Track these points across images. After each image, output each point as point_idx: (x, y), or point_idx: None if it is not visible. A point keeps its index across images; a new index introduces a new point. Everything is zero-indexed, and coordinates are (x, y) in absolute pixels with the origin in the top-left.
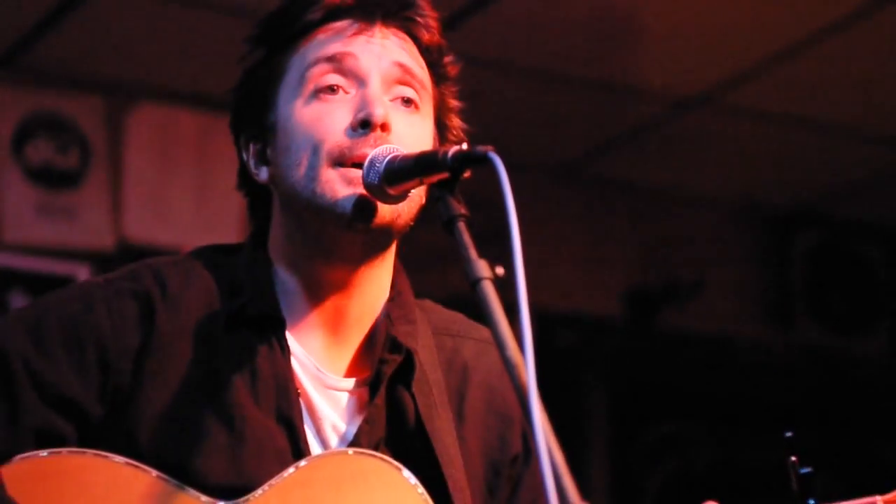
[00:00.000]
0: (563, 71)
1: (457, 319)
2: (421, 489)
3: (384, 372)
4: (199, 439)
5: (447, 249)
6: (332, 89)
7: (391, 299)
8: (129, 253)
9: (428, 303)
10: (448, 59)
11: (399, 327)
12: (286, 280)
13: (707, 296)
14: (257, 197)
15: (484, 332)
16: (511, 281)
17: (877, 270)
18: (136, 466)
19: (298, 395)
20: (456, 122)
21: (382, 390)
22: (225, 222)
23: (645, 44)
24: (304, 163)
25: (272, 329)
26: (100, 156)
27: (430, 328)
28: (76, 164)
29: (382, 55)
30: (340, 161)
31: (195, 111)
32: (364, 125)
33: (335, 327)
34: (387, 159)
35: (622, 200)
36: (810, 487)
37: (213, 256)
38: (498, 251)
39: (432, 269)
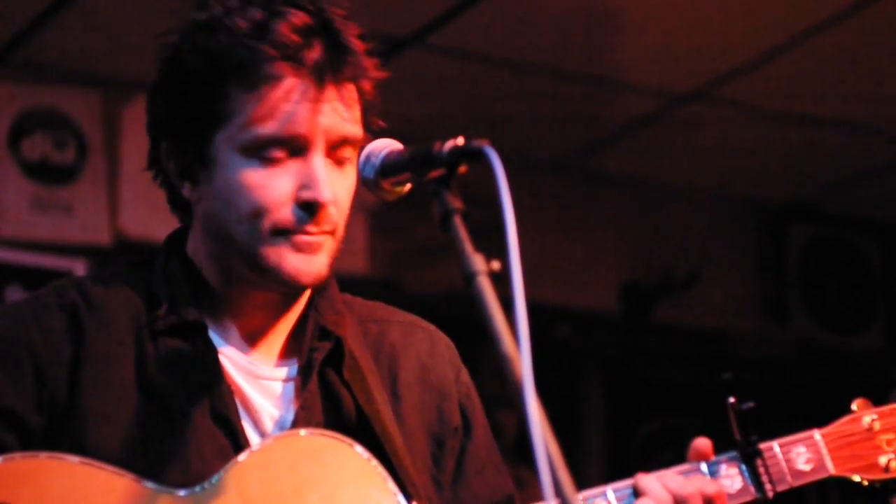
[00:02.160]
0: (558, 66)
1: (378, 307)
2: (374, 462)
3: (315, 358)
4: (141, 445)
5: (445, 245)
6: (275, 159)
7: (316, 292)
8: (126, 248)
9: (348, 296)
10: (378, 99)
11: (327, 317)
12: (209, 277)
13: (702, 290)
14: (174, 190)
15: (407, 315)
16: (507, 275)
17: (871, 265)
18: (92, 464)
19: (231, 391)
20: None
21: (314, 377)
22: None
23: (639, 39)
24: (246, 224)
25: (194, 332)
26: (96, 151)
27: (355, 318)
28: (73, 160)
29: (330, 129)
30: (285, 233)
31: None
32: (310, 207)
33: (261, 323)
34: (383, 154)
35: (617, 195)
36: (751, 423)
37: (128, 271)
38: (494, 246)
39: (430, 264)
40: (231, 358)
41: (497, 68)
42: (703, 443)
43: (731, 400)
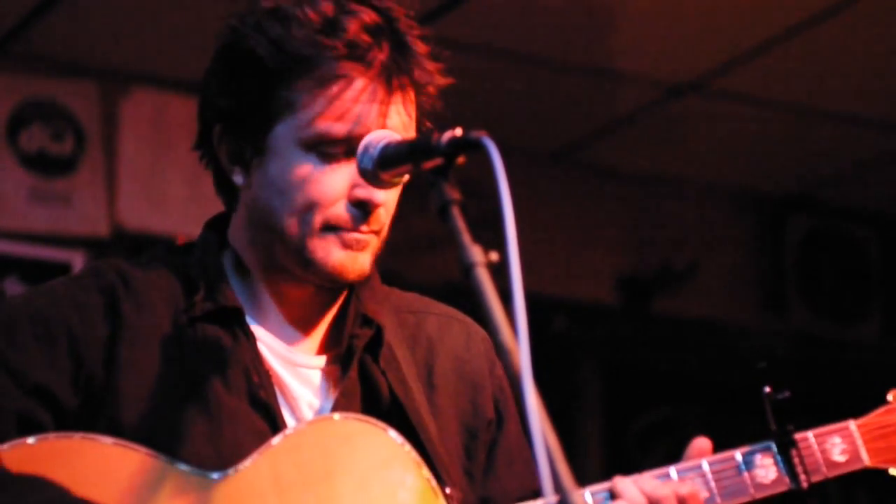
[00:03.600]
0: (556, 57)
1: (415, 298)
2: (408, 447)
3: (356, 346)
4: (177, 426)
5: (442, 236)
6: (333, 155)
7: (358, 283)
8: (124, 239)
9: (385, 287)
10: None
11: (368, 306)
12: (249, 265)
13: (700, 281)
14: (222, 174)
15: (443, 306)
16: (505, 266)
17: (869, 255)
18: (125, 446)
19: (270, 377)
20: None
21: (355, 364)
22: (219, 209)
23: (636, 29)
24: (299, 216)
25: (232, 318)
26: (94, 142)
27: (392, 308)
28: (70, 151)
29: (392, 132)
30: (336, 229)
31: (189, 97)
32: (364, 206)
33: (300, 313)
34: (381, 145)
35: (615, 186)
36: (788, 413)
37: (167, 256)
38: (492, 237)
39: (427, 255)
40: (269, 345)
41: (493, 59)
42: (703, 443)
43: (767, 389)
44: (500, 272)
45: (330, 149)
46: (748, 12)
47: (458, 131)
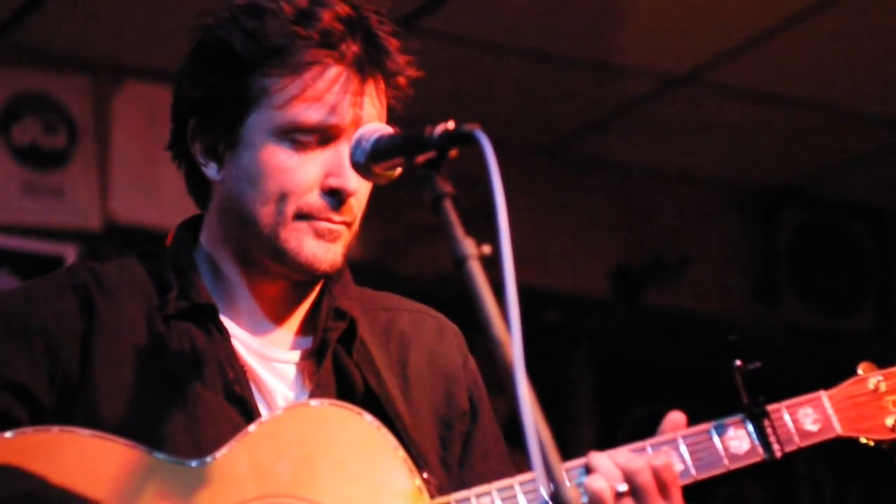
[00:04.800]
0: (550, 50)
1: (387, 296)
2: (384, 430)
3: (330, 338)
4: (154, 421)
5: (435, 228)
6: (306, 144)
7: (331, 279)
8: (116, 233)
9: (357, 287)
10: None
11: (341, 300)
12: (222, 263)
13: (693, 274)
14: (195, 173)
15: (415, 304)
16: (497, 259)
17: (861, 248)
18: (103, 437)
19: (244, 372)
20: None
21: (329, 356)
22: None
23: (631, 22)
24: (272, 206)
25: (206, 315)
26: (87, 135)
27: (365, 307)
28: (63, 144)
29: (364, 122)
30: (308, 217)
31: None
32: (337, 195)
33: (274, 309)
34: (374, 138)
35: (608, 179)
36: (759, 384)
37: (138, 258)
38: (484, 230)
39: (421, 248)
40: (243, 341)
41: (487, 52)
42: (677, 417)
43: (738, 363)
44: (492, 265)
45: (303, 137)
46: (742, 4)
47: (451, 124)
